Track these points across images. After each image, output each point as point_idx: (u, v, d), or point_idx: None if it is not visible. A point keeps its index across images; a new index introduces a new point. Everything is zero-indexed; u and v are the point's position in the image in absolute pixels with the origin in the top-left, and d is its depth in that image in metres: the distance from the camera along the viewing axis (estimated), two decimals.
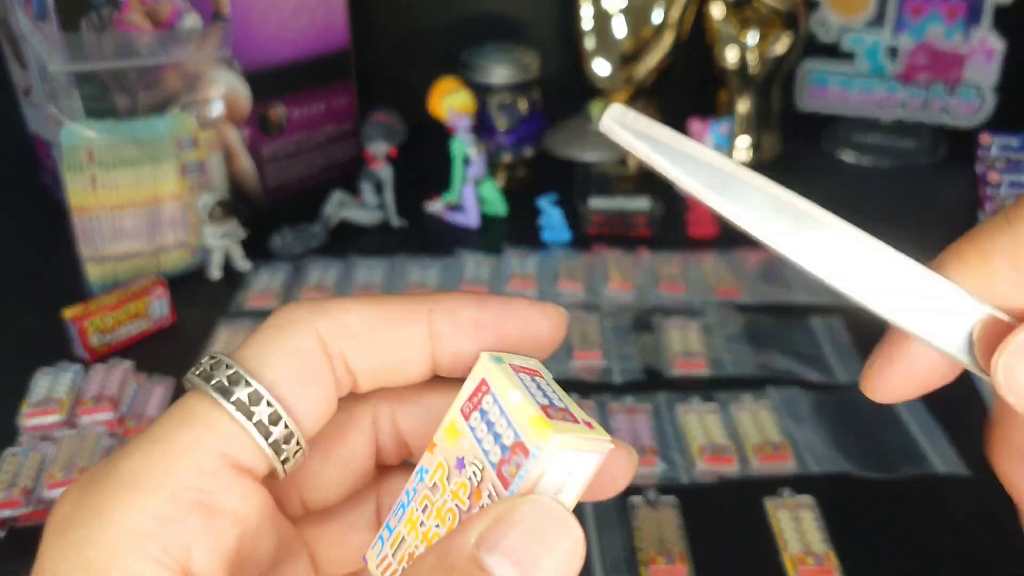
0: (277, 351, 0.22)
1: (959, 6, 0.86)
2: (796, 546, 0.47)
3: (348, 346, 0.22)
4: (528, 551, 0.19)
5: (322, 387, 0.22)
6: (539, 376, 0.23)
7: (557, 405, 0.22)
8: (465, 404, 0.22)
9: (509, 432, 0.21)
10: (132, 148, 0.67)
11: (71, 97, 0.65)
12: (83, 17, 0.64)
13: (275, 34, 0.76)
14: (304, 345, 0.22)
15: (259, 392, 0.21)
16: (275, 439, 0.21)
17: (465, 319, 0.23)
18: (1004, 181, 0.60)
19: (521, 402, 0.21)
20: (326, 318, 0.22)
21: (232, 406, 0.21)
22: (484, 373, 0.22)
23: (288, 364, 0.22)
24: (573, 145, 0.80)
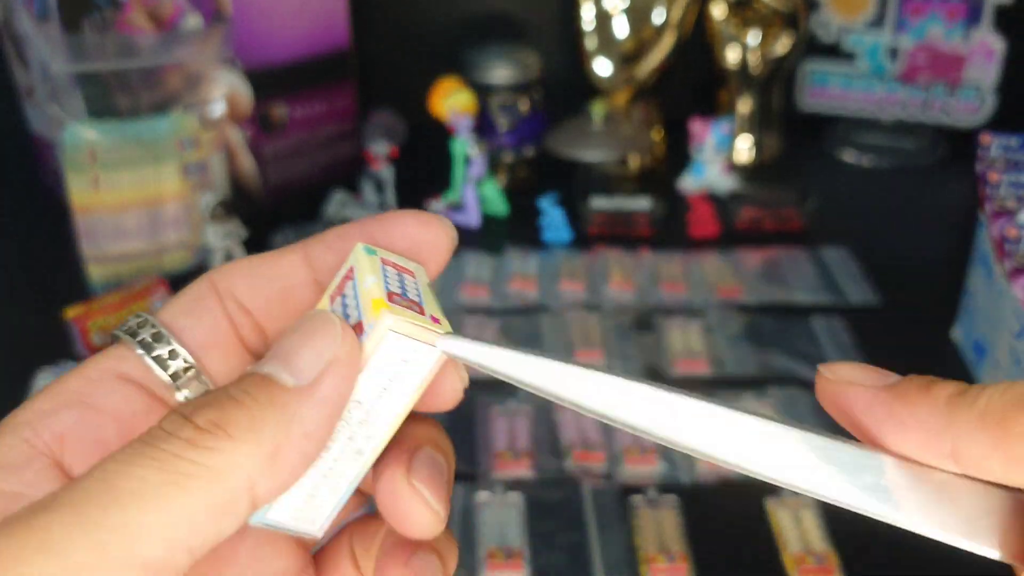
0: (177, 297, 0.25)
1: (959, 7, 0.86)
2: (796, 545, 0.47)
3: (234, 282, 0.24)
4: (289, 345, 0.21)
5: (210, 316, 0.24)
6: (410, 275, 0.24)
7: (411, 297, 0.22)
8: (334, 291, 0.23)
9: (355, 313, 0.22)
10: (134, 148, 0.67)
11: (73, 97, 0.66)
12: (85, 18, 0.65)
13: (276, 34, 0.76)
14: (197, 287, 0.25)
15: (147, 319, 0.24)
16: (158, 354, 0.23)
17: (332, 237, 0.25)
18: (1004, 181, 0.60)
19: (371, 286, 0.22)
20: (218, 268, 0.25)
21: (126, 335, 0.24)
22: (353, 261, 0.23)
23: (180, 302, 0.24)
24: (574, 145, 0.80)
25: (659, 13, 0.83)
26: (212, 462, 0.19)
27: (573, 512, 0.50)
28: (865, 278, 0.71)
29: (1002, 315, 0.55)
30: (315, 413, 0.21)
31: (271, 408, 0.20)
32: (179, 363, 0.24)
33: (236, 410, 0.20)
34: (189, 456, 0.19)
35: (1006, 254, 0.55)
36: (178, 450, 0.19)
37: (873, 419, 0.21)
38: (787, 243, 0.75)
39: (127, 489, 0.18)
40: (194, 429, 0.19)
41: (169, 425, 0.19)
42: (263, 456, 0.20)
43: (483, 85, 0.81)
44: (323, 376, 0.21)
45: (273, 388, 0.20)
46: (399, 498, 0.23)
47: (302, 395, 0.21)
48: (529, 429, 0.56)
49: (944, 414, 0.20)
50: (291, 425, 0.20)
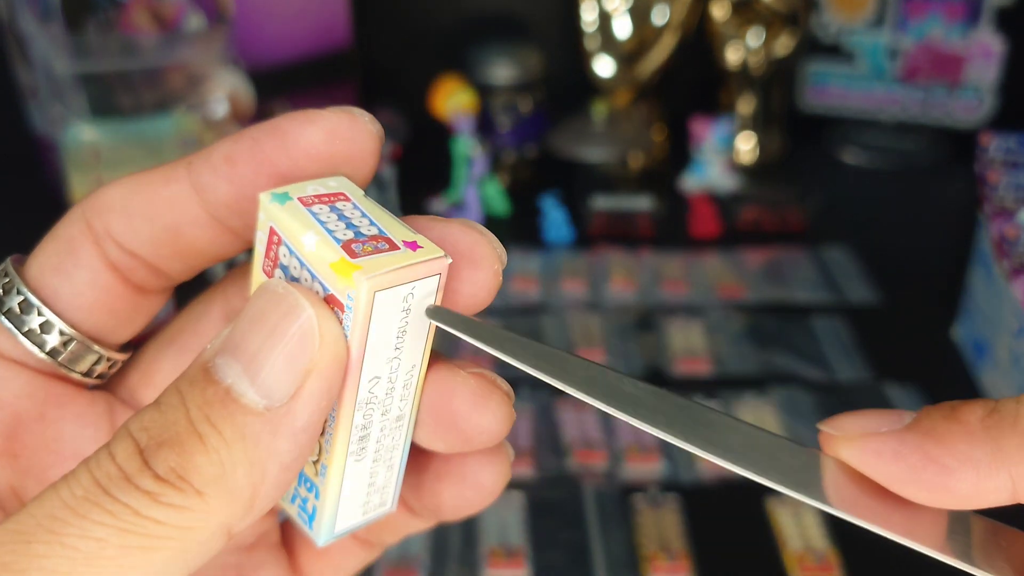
0: (45, 242, 0.21)
1: (959, 7, 0.86)
2: (797, 544, 0.47)
3: (111, 221, 0.20)
4: (251, 344, 0.17)
5: (86, 271, 0.20)
6: (343, 199, 0.19)
7: (366, 234, 0.18)
8: (264, 262, 0.19)
9: (316, 286, 0.18)
10: (136, 148, 0.67)
11: (76, 97, 0.66)
12: (88, 18, 0.65)
13: (278, 34, 0.77)
14: (67, 231, 0.20)
15: (12, 281, 0.20)
16: (30, 328, 0.20)
17: (219, 159, 0.19)
18: (1003, 181, 0.60)
19: (317, 246, 0.17)
20: (91, 198, 0.20)
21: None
22: (271, 220, 0.18)
23: (51, 252, 0.20)
24: (575, 145, 0.80)
25: (660, 13, 0.83)
26: (181, 521, 0.16)
27: (574, 511, 0.50)
28: (866, 278, 0.71)
29: (1002, 315, 0.55)
30: (293, 444, 0.17)
31: (240, 446, 0.16)
32: (55, 337, 0.20)
33: (201, 455, 0.16)
34: (153, 515, 0.16)
35: (1006, 254, 0.55)
36: (140, 506, 0.16)
37: (909, 469, 0.18)
38: (788, 243, 0.75)
39: (84, 552, 0.15)
40: (154, 480, 0.16)
41: (124, 461, 0.16)
42: (239, 504, 0.16)
43: (484, 85, 0.82)
44: (300, 394, 0.17)
45: (239, 415, 0.16)
46: (461, 397, 0.20)
47: (274, 423, 0.17)
48: (530, 428, 0.56)
49: (986, 441, 0.17)
50: (267, 464, 0.17)
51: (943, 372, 0.61)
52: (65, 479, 0.16)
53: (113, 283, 0.20)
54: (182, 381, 0.17)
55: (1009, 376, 0.54)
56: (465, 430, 0.20)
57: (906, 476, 0.18)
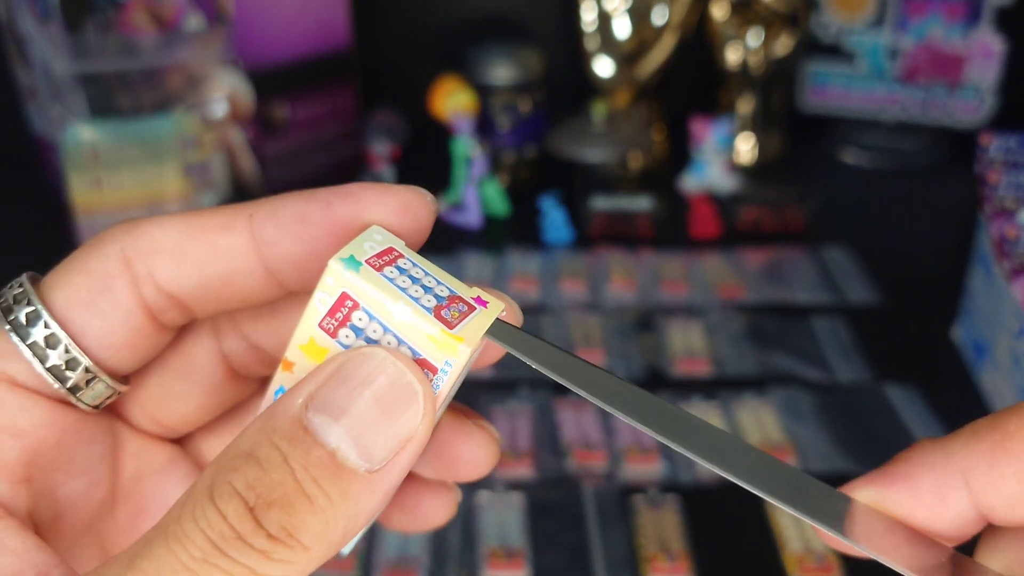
0: (73, 271, 0.20)
1: (959, 7, 0.86)
2: (797, 545, 0.47)
3: (156, 264, 0.20)
4: (357, 409, 0.18)
5: (120, 311, 0.20)
6: (399, 257, 0.20)
7: (443, 296, 0.19)
8: (325, 320, 0.19)
9: (404, 349, 0.19)
10: (136, 148, 0.67)
11: (75, 97, 0.66)
12: (87, 18, 0.65)
13: (278, 34, 0.77)
14: (103, 266, 0.20)
15: (38, 312, 0.20)
16: (54, 364, 0.20)
17: (288, 217, 0.20)
18: (1003, 181, 0.60)
19: (412, 318, 0.18)
20: (134, 233, 0.20)
21: (8, 325, 0.20)
22: (343, 286, 0.19)
23: (82, 286, 0.20)
24: (575, 145, 0.80)
25: (660, 13, 0.83)
26: (287, 574, 0.17)
27: (574, 512, 0.50)
28: (865, 278, 0.71)
29: (1002, 315, 0.55)
30: (381, 501, 0.18)
31: (343, 505, 0.17)
32: (79, 374, 0.20)
33: (310, 515, 0.17)
34: (267, 572, 0.17)
35: (1006, 254, 0.55)
36: (255, 564, 0.17)
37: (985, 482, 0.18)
38: (788, 243, 0.75)
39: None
40: (267, 538, 0.17)
41: (236, 521, 0.17)
42: (330, 552, 0.18)
43: (484, 85, 0.82)
44: (398, 458, 0.18)
45: (345, 479, 0.17)
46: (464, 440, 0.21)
47: (372, 484, 0.18)
48: (530, 429, 0.56)
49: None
50: (359, 517, 0.18)
51: (943, 373, 0.61)
52: (175, 536, 0.17)
53: (143, 323, 0.21)
54: (278, 436, 0.18)
55: (1009, 377, 0.54)
56: (452, 461, 0.22)
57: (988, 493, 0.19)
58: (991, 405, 0.57)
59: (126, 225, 0.21)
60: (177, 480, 0.24)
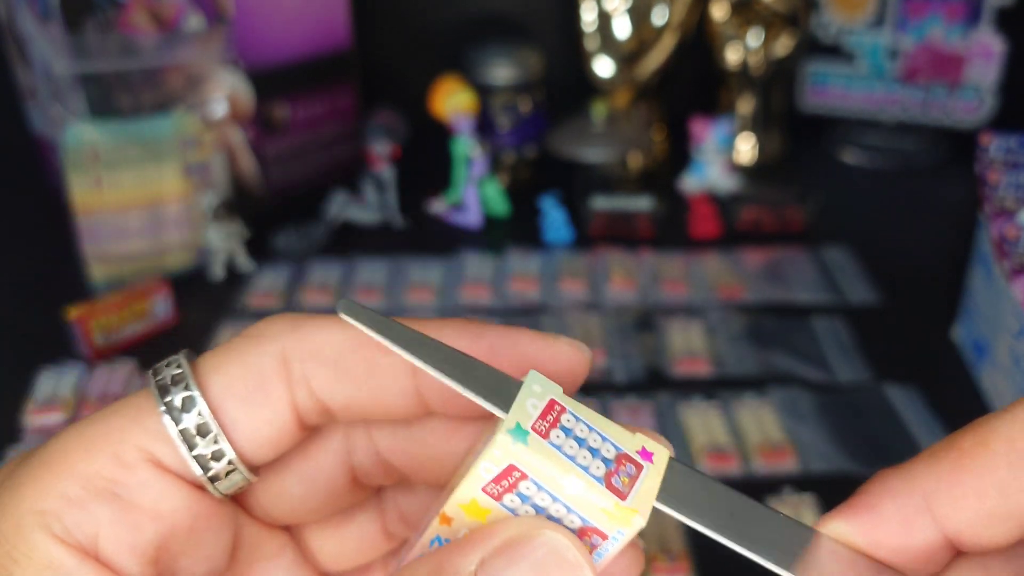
0: (232, 362, 0.21)
1: (959, 7, 0.86)
2: None
3: (314, 370, 0.21)
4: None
5: (271, 410, 0.21)
6: (562, 412, 0.19)
7: (610, 458, 0.19)
8: (490, 486, 0.19)
9: (573, 517, 0.19)
10: (136, 148, 0.67)
11: (75, 97, 0.66)
12: (87, 18, 0.65)
13: (278, 34, 0.77)
14: (261, 362, 0.21)
15: (194, 399, 0.20)
16: (200, 452, 0.20)
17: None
18: (1004, 181, 0.60)
19: (584, 491, 0.18)
20: (296, 335, 0.21)
21: (164, 406, 0.20)
22: (511, 459, 0.19)
23: (239, 378, 0.21)
24: (575, 145, 0.80)
25: (660, 13, 0.83)
26: None
27: None
28: (866, 278, 0.71)
29: (1002, 315, 0.55)
30: None
31: None
32: (222, 465, 0.21)
33: None
34: None
35: (1006, 254, 0.55)
36: None
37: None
38: (788, 243, 0.75)
39: None
40: None
41: None
42: None
43: (484, 85, 0.82)
44: None
45: None
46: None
47: None
48: None
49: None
50: None
51: (943, 373, 0.61)
52: None
53: (290, 423, 0.21)
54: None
55: (1009, 377, 0.54)
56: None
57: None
58: (991, 405, 0.57)
59: (290, 321, 0.21)
60: (284, 567, 0.24)
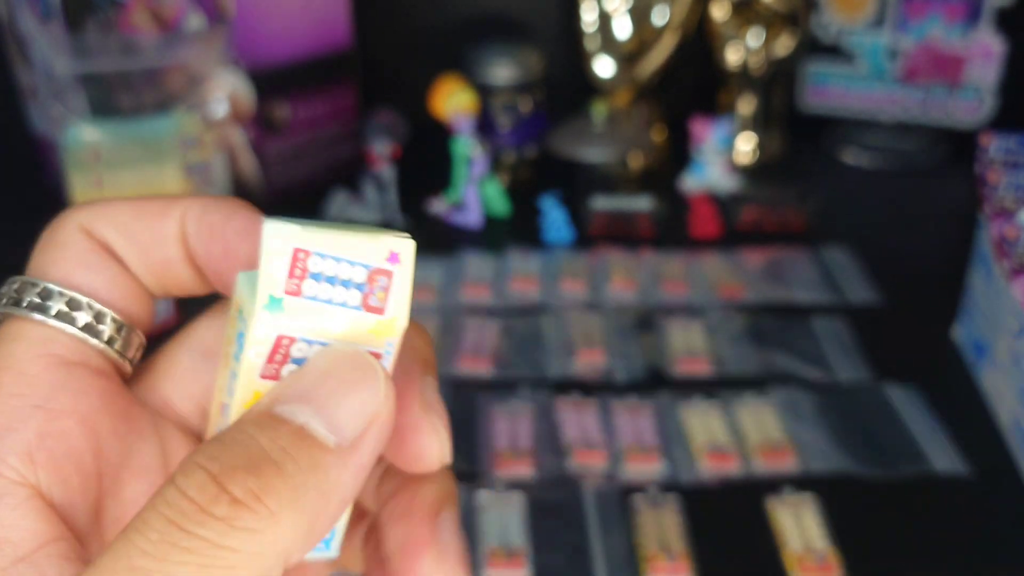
0: (47, 252, 0.21)
1: (959, 7, 0.86)
2: (797, 544, 0.47)
3: (111, 238, 0.21)
4: (321, 391, 0.18)
5: (109, 268, 0.21)
6: (307, 257, 0.19)
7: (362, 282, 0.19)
8: (266, 367, 0.19)
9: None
10: (136, 148, 0.67)
11: (76, 97, 0.66)
12: (88, 18, 0.65)
13: (278, 34, 0.77)
14: (73, 239, 0.21)
15: (48, 288, 0.20)
16: (86, 322, 0.21)
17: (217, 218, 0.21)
18: (1004, 181, 0.60)
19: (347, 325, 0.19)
20: (89, 210, 0.22)
21: (26, 311, 0.20)
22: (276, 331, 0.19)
23: (64, 257, 0.21)
24: (576, 145, 0.80)
25: (660, 13, 0.83)
26: (253, 547, 0.16)
27: (574, 511, 0.50)
28: (866, 278, 0.71)
29: (1002, 315, 0.55)
30: (352, 479, 0.18)
31: (313, 475, 0.17)
32: (110, 324, 0.21)
33: (277, 478, 0.17)
34: (229, 543, 0.16)
35: (1006, 254, 0.55)
36: (217, 536, 0.16)
37: None
38: (788, 243, 0.75)
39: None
40: (230, 504, 0.16)
41: (197, 493, 0.16)
42: (301, 530, 0.17)
43: (484, 85, 0.82)
44: (364, 436, 0.18)
45: (314, 448, 0.17)
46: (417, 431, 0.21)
47: (343, 458, 0.18)
48: (530, 428, 0.56)
49: None
50: (331, 494, 0.18)
51: (943, 373, 0.61)
52: (135, 526, 0.16)
53: (131, 282, 0.22)
54: (246, 424, 0.18)
55: (1009, 377, 0.54)
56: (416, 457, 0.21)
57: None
58: (991, 405, 0.57)
59: (84, 203, 0.22)
60: None
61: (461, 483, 0.51)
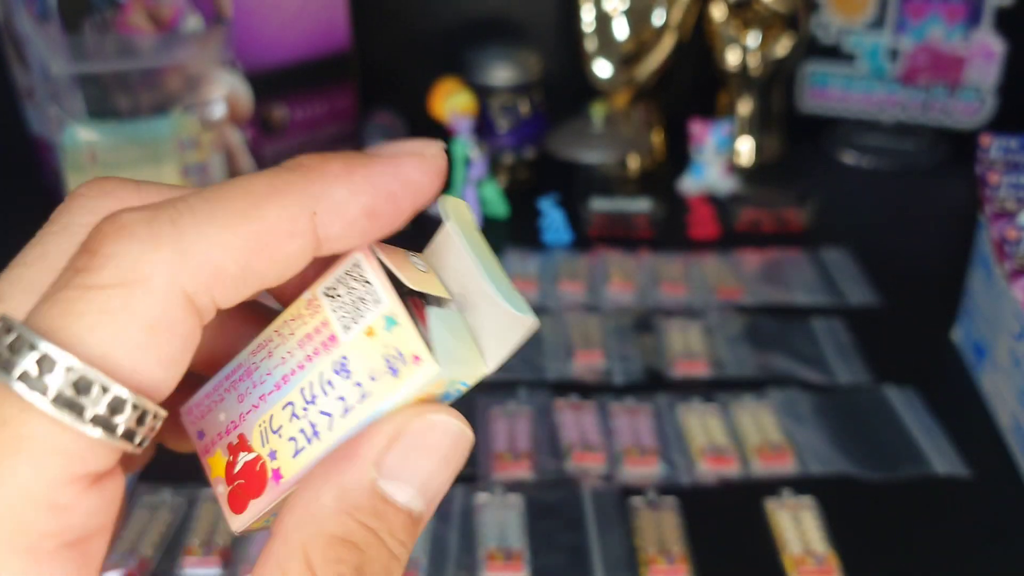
0: (117, 318, 0.16)
1: (959, 8, 0.86)
2: (796, 546, 0.47)
3: (219, 293, 0.17)
4: (432, 475, 0.19)
5: (185, 357, 0.17)
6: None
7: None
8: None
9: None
10: (134, 149, 0.67)
11: (73, 98, 0.66)
12: (86, 19, 0.65)
13: (277, 35, 0.77)
14: (167, 316, 0.17)
15: (50, 357, 0.16)
16: (95, 413, 0.16)
17: (356, 213, 0.19)
18: (1004, 182, 0.60)
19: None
20: (186, 262, 0.17)
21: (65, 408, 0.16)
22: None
23: (129, 335, 0.16)
24: (574, 146, 0.80)
25: (659, 14, 0.83)
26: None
27: (573, 513, 0.50)
28: (865, 279, 0.71)
29: (1002, 316, 0.55)
30: None
31: (405, 548, 0.20)
32: (128, 414, 0.17)
33: (397, 568, 0.19)
34: None
35: (1006, 255, 0.55)
36: None
37: None
38: (787, 244, 0.75)
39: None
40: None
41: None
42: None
43: (483, 86, 0.81)
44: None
45: (417, 527, 0.20)
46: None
47: (425, 521, 0.20)
48: (529, 430, 0.56)
49: None
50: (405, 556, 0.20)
51: (943, 374, 0.61)
52: None
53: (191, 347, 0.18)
54: (364, 515, 0.19)
55: (1009, 378, 0.54)
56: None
57: None
58: (991, 407, 0.57)
59: (171, 243, 0.17)
60: None
61: (459, 485, 0.51)
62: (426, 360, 0.19)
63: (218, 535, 0.48)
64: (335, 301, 0.20)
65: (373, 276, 0.20)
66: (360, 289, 0.20)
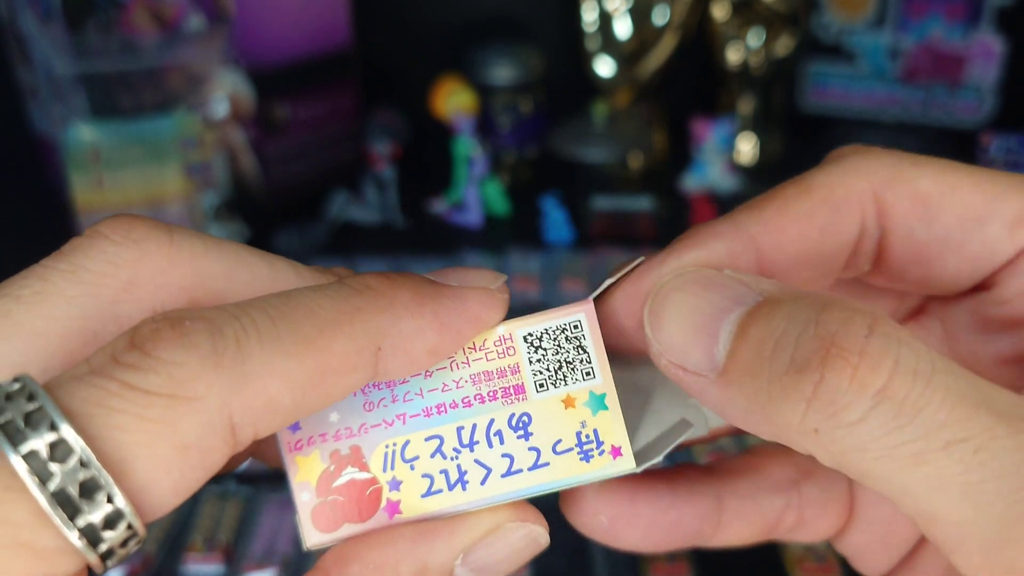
0: (158, 442, 0.15)
1: (960, 7, 0.86)
2: (797, 545, 0.47)
3: (265, 425, 0.16)
4: (501, 568, 0.19)
5: (198, 487, 0.16)
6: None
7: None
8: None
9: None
10: (137, 148, 0.67)
11: (76, 97, 0.66)
12: (89, 18, 0.65)
13: (279, 34, 0.77)
14: (204, 442, 0.15)
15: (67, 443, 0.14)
16: (88, 521, 0.14)
17: (421, 352, 0.18)
18: None
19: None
20: (245, 393, 0.15)
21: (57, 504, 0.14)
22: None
23: (169, 467, 0.15)
24: (576, 145, 0.80)
25: (661, 13, 0.83)
26: None
27: None
28: None
29: None
30: None
31: None
32: (120, 532, 0.15)
33: None
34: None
35: None
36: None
37: None
38: None
39: None
40: None
41: None
42: None
43: (485, 85, 0.82)
44: None
45: None
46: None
47: None
48: None
49: None
50: None
51: None
52: None
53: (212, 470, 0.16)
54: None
55: None
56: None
57: None
58: None
59: (232, 366, 0.15)
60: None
61: None
62: (626, 456, 0.18)
63: (220, 532, 0.48)
64: (536, 352, 0.19)
65: (592, 346, 0.19)
66: (571, 352, 0.19)
